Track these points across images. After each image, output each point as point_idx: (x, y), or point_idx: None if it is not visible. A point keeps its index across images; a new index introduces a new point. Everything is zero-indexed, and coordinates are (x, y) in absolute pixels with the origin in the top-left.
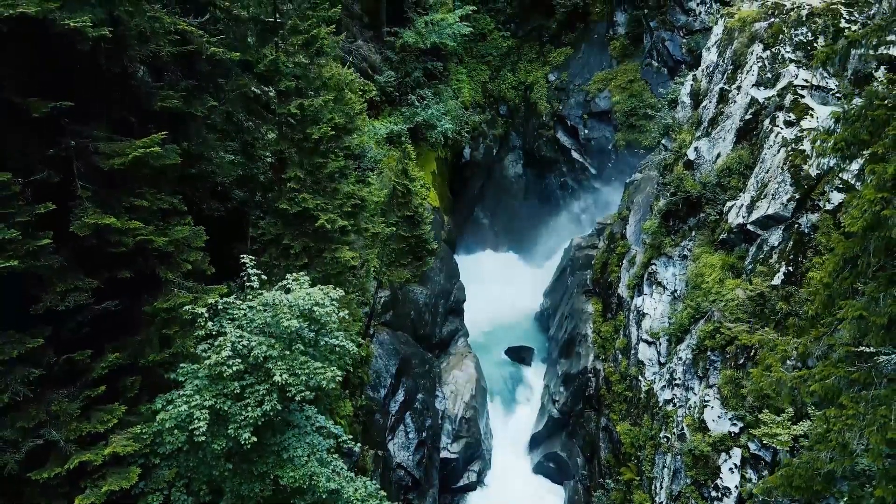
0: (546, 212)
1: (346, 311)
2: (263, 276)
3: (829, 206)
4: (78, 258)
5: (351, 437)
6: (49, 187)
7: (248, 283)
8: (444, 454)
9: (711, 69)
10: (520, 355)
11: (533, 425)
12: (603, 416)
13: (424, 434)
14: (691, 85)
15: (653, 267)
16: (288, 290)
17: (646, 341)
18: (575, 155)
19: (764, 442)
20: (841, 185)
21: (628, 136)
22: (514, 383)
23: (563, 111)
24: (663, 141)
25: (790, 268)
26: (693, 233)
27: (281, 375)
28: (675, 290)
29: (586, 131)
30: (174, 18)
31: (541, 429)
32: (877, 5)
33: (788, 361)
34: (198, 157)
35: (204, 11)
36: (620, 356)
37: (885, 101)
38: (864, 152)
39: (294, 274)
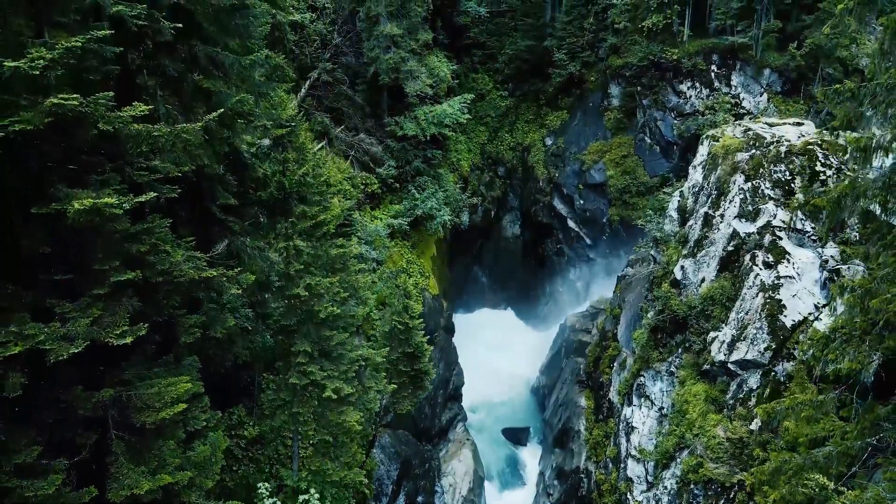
0: (543, 274)
1: None
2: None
3: (803, 357)
4: None
5: None
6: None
7: None
8: None
9: (697, 190)
10: (516, 436)
11: None
12: None
13: None
14: (678, 201)
15: (641, 379)
16: None
17: (634, 457)
18: (571, 224)
19: None
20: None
21: (622, 212)
22: (510, 465)
23: (560, 179)
24: (652, 252)
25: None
26: (679, 349)
27: None
28: (663, 408)
29: (581, 202)
30: (198, 264)
31: None
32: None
33: None
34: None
35: (223, 235)
36: (611, 465)
37: None
38: None
39: (304, 496)
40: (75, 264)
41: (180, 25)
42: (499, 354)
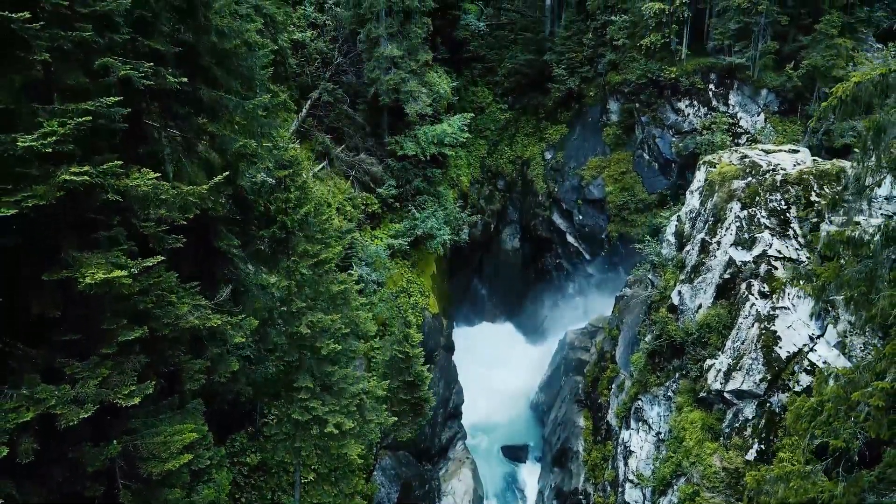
0: (543, 288)
1: None
2: None
3: (797, 388)
4: None
5: None
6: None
7: None
8: None
9: (694, 216)
10: (516, 453)
11: None
12: None
13: None
14: (676, 225)
15: (639, 402)
16: None
17: (632, 482)
18: (570, 238)
19: None
20: (809, 368)
21: (620, 228)
22: (509, 483)
23: (559, 193)
24: (650, 276)
25: (762, 445)
26: (677, 375)
27: None
28: (660, 433)
29: (580, 217)
30: (203, 312)
31: None
32: (845, 180)
33: None
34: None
35: (226, 268)
36: (609, 488)
37: None
38: None
39: None
40: (83, 323)
41: (185, 80)
42: (498, 370)
